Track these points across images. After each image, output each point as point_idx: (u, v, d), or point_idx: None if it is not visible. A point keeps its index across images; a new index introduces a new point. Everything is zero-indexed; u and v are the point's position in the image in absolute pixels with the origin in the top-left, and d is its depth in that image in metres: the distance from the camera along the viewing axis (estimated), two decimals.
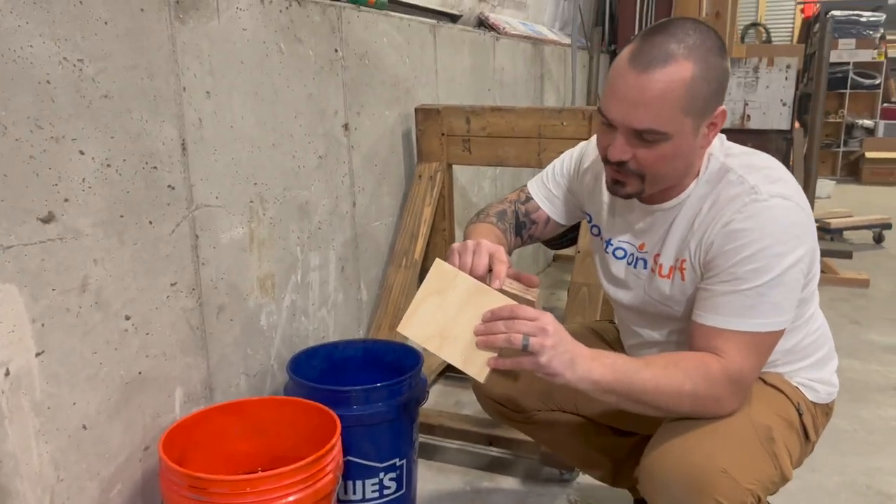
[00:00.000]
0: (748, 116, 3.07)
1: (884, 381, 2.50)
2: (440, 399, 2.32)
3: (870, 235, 4.56)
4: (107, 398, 1.30)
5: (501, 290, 1.11)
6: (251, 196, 1.63)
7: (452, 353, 1.08)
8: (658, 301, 1.24)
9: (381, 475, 1.58)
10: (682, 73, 1.04)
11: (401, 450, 1.60)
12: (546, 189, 1.43)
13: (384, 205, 2.22)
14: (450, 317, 1.09)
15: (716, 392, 1.09)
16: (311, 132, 1.83)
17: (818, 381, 1.27)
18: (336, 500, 1.39)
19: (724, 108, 1.12)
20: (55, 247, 1.18)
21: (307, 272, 1.86)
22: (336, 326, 2.02)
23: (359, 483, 1.57)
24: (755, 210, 1.08)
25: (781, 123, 3.01)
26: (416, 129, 2.30)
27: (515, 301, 1.10)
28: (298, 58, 1.76)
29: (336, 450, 1.35)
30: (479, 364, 1.07)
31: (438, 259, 1.12)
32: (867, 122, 7.44)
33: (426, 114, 2.28)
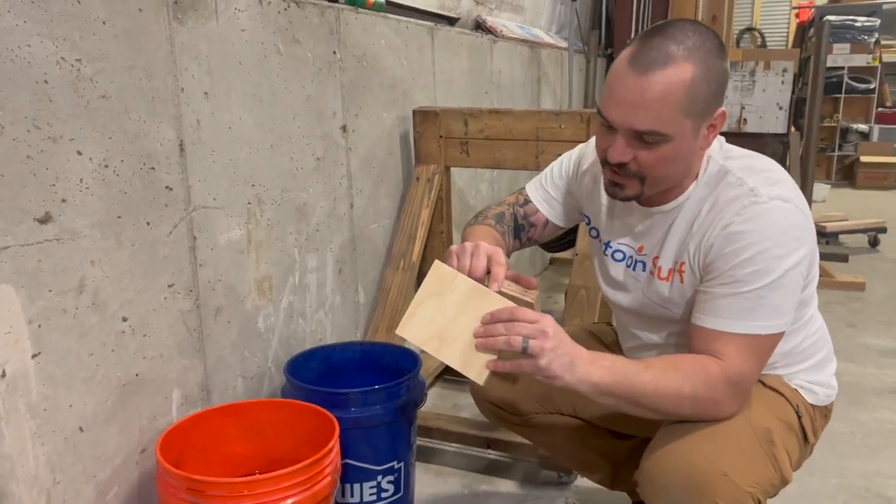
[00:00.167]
0: (745, 120, 3.07)
1: (880, 385, 2.50)
2: (438, 402, 2.32)
3: (865, 239, 4.58)
4: (103, 400, 1.30)
5: (500, 293, 1.10)
6: (249, 197, 1.63)
7: (451, 356, 1.08)
8: (657, 304, 1.24)
9: (379, 478, 1.57)
10: (682, 75, 1.04)
11: (399, 452, 1.59)
12: (544, 191, 1.43)
13: (382, 207, 2.22)
14: (448, 319, 1.08)
15: (715, 395, 1.09)
16: (309, 134, 1.83)
17: (817, 384, 1.27)
18: (334, 503, 1.38)
19: (724, 110, 1.12)
20: (52, 247, 1.18)
21: (305, 274, 1.86)
22: (333, 329, 2.01)
23: (356, 486, 1.56)
24: (755, 212, 1.08)
25: (778, 127, 3.02)
26: (414, 132, 2.30)
27: (514, 303, 1.10)
28: (297, 59, 1.75)
29: (334, 452, 1.34)
30: (479, 366, 1.07)
31: (437, 261, 1.11)
32: (862, 127, 7.47)
33: (424, 116, 2.27)
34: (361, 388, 1.53)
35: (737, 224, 1.09)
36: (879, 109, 7.49)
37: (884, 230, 4.50)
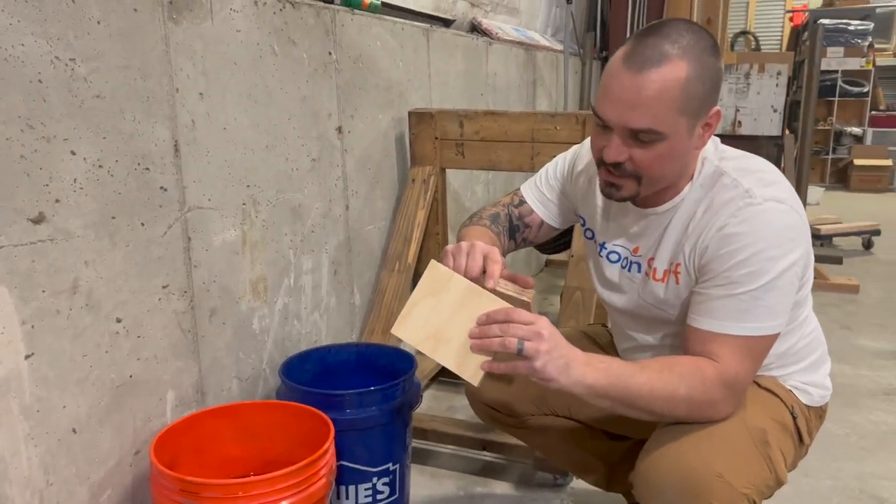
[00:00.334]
0: (739, 122, 3.08)
1: (874, 386, 2.51)
2: (433, 403, 2.32)
3: (859, 241, 4.59)
4: (97, 401, 1.29)
5: (496, 291, 1.10)
6: (244, 198, 1.62)
7: (446, 356, 1.08)
8: (652, 305, 1.24)
9: (374, 480, 1.57)
10: (678, 73, 1.04)
11: (394, 454, 1.59)
12: (539, 192, 1.43)
13: (377, 208, 2.22)
14: (444, 319, 1.08)
15: (711, 396, 1.09)
16: (305, 135, 1.82)
17: (812, 385, 1.27)
18: None
19: (719, 109, 1.13)
20: (46, 248, 1.17)
21: (300, 275, 1.85)
22: (329, 330, 2.01)
23: (352, 488, 1.56)
24: (750, 214, 1.08)
25: (772, 129, 3.03)
26: (410, 133, 2.30)
27: (510, 303, 1.09)
28: (292, 60, 1.75)
29: (329, 454, 1.34)
30: (474, 367, 1.07)
31: (433, 261, 1.11)
32: (855, 130, 7.51)
33: (420, 117, 2.27)
34: (357, 390, 1.53)
35: (732, 226, 1.09)
36: (873, 113, 7.52)
37: (877, 233, 4.52)
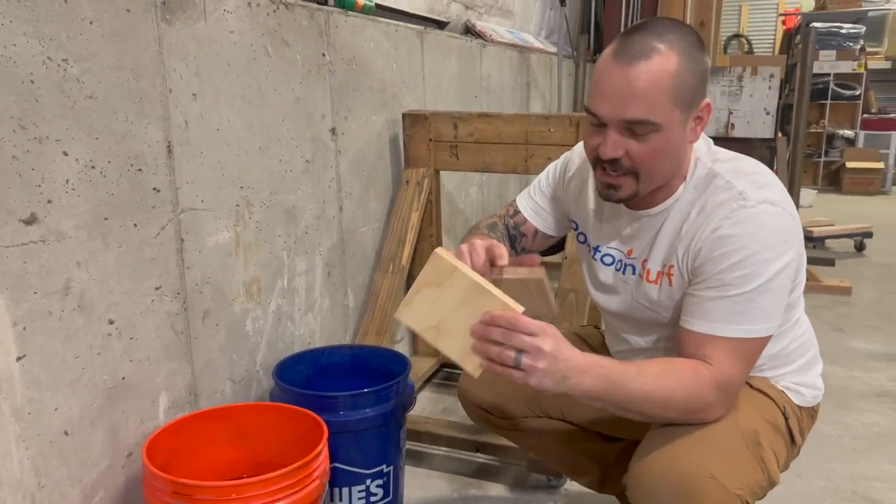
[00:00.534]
0: (732, 125, 3.09)
1: (866, 388, 2.52)
2: (427, 405, 2.31)
3: (851, 244, 4.61)
4: (89, 403, 1.28)
5: (505, 281, 1.08)
6: (237, 200, 1.62)
7: (448, 347, 1.05)
8: (646, 307, 1.24)
9: (368, 482, 1.56)
10: (668, 65, 1.05)
11: (388, 456, 1.58)
12: (533, 202, 1.43)
13: (371, 210, 2.22)
14: (447, 312, 1.05)
15: (705, 400, 1.09)
16: (299, 136, 1.82)
17: (804, 385, 1.27)
18: None
19: (709, 101, 1.14)
20: (38, 249, 1.16)
21: (293, 277, 1.85)
22: (322, 332, 2.00)
23: (345, 490, 1.56)
24: (743, 216, 1.09)
25: (765, 132, 3.04)
26: (404, 135, 2.30)
27: (523, 286, 1.07)
28: (286, 61, 1.75)
29: (323, 456, 1.33)
30: (476, 361, 1.04)
31: (439, 249, 1.06)
32: (848, 133, 7.54)
33: (414, 119, 2.27)
34: (350, 392, 1.52)
35: (725, 228, 1.09)
36: (865, 116, 7.56)
37: (870, 235, 4.54)
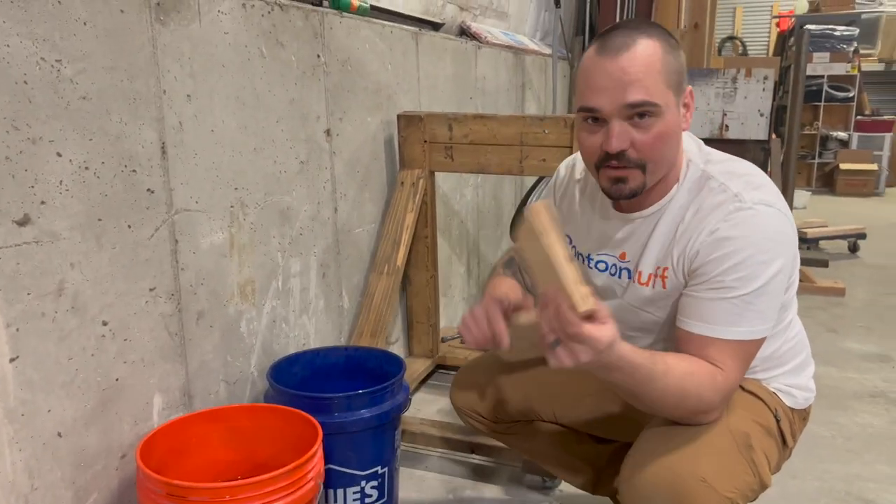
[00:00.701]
0: (727, 126, 3.10)
1: (860, 388, 2.53)
2: (422, 406, 2.31)
3: (845, 245, 4.63)
4: (83, 405, 1.28)
5: (518, 325, 1.14)
6: (232, 201, 1.62)
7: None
8: (638, 308, 1.24)
9: (363, 483, 1.56)
10: (654, 49, 1.08)
11: (382, 458, 1.58)
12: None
13: (366, 211, 2.21)
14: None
15: (712, 404, 1.10)
16: (293, 137, 1.82)
17: (796, 387, 1.28)
18: None
19: (691, 88, 1.15)
20: (31, 250, 1.16)
21: (288, 278, 1.85)
22: (317, 333, 2.00)
23: (340, 491, 1.55)
24: (741, 218, 1.09)
25: (759, 134, 3.05)
26: (399, 136, 2.30)
27: (534, 329, 1.07)
28: (280, 62, 1.75)
29: (317, 457, 1.33)
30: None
31: (538, 205, 0.99)
32: (841, 135, 7.57)
33: (408, 120, 2.27)
34: (345, 393, 1.52)
35: (723, 230, 1.09)
36: (858, 117, 7.59)
37: (863, 236, 4.56)
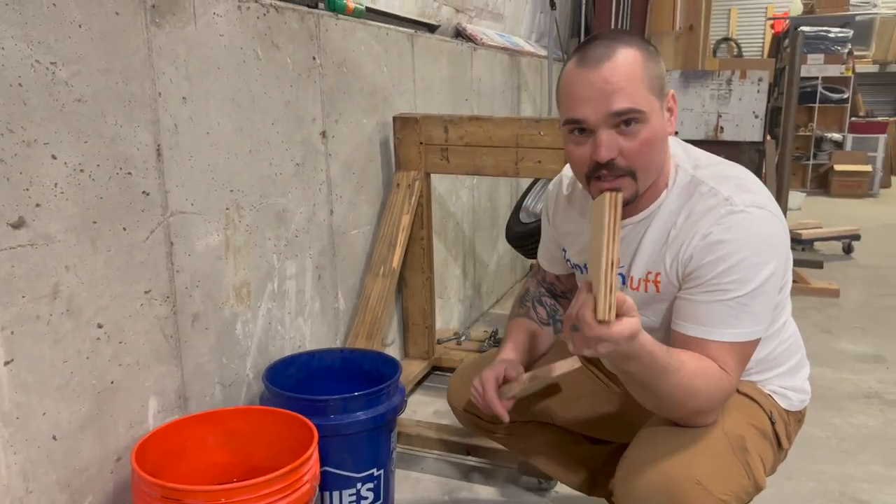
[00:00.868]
0: (721, 128, 3.10)
1: (854, 389, 2.53)
2: (418, 408, 2.31)
3: (839, 246, 4.65)
4: (78, 408, 1.27)
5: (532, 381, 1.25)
6: (227, 203, 1.62)
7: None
8: None
9: (359, 485, 1.56)
10: (632, 56, 1.08)
11: (378, 460, 1.58)
12: (546, 250, 1.49)
13: (362, 213, 2.21)
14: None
15: (714, 405, 1.11)
16: (289, 139, 1.82)
17: (791, 389, 1.28)
18: None
19: (673, 92, 1.16)
20: (26, 253, 1.16)
21: (283, 280, 1.85)
22: (313, 335, 2.00)
23: (336, 494, 1.55)
24: (734, 221, 1.10)
25: (754, 135, 3.05)
26: (394, 138, 2.30)
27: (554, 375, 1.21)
28: (276, 64, 1.75)
29: (313, 460, 1.33)
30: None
31: (607, 196, 1.01)
32: (836, 136, 7.60)
33: (404, 122, 2.28)
34: (341, 396, 1.52)
35: (716, 233, 1.10)
36: (853, 119, 7.62)
37: (857, 237, 4.58)
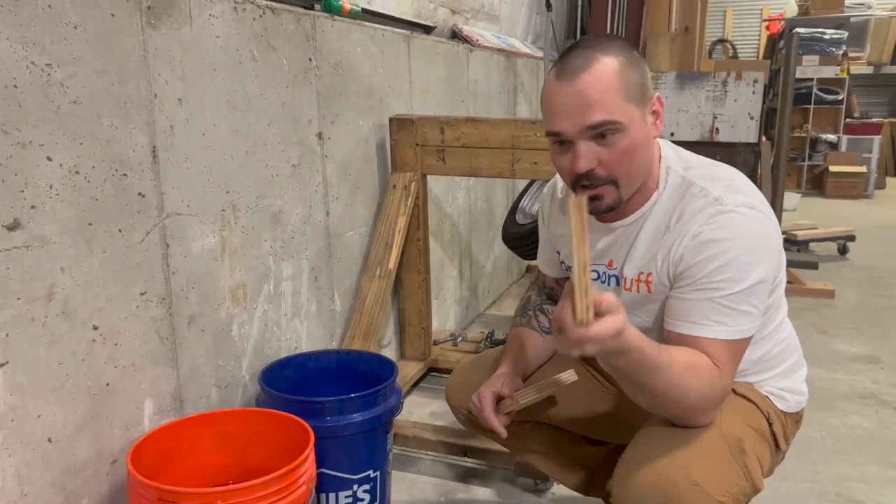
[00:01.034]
0: (717, 129, 3.11)
1: (850, 390, 2.54)
2: (415, 410, 2.31)
3: (834, 247, 4.66)
4: (73, 410, 1.27)
5: (525, 393, 1.28)
6: (223, 204, 1.61)
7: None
8: (627, 313, 1.25)
9: (355, 487, 1.56)
10: (609, 67, 1.09)
11: (375, 461, 1.58)
12: (545, 254, 1.49)
13: (358, 214, 2.21)
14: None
15: (710, 403, 1.11)
16: (285, 140, 1.82)
17: (788, 391, 1.28)
18: None
19: (659, 95, 1.16)
20: (21, 254, 1.15)
21: (280, 282, 1.84)
22: (309, 337, 2.00)
23: (332, 495, 1.55)
24: (724, 220, 1.10)
25: (749, 136, 3.06)
26: (391, 139, 2.30)
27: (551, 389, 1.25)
28: (272, 66, 1.75)
29: (309, 462, 1.33)
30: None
31: (580, 201, 1.00)
32: (831, 137, 7.62)
33: (400, 124, 2.28)
34: (337, 397, 1.52)
35: (707, 233, 1.11)
36: (847, 120, 7.64)
37: (852, 238, 4.59)
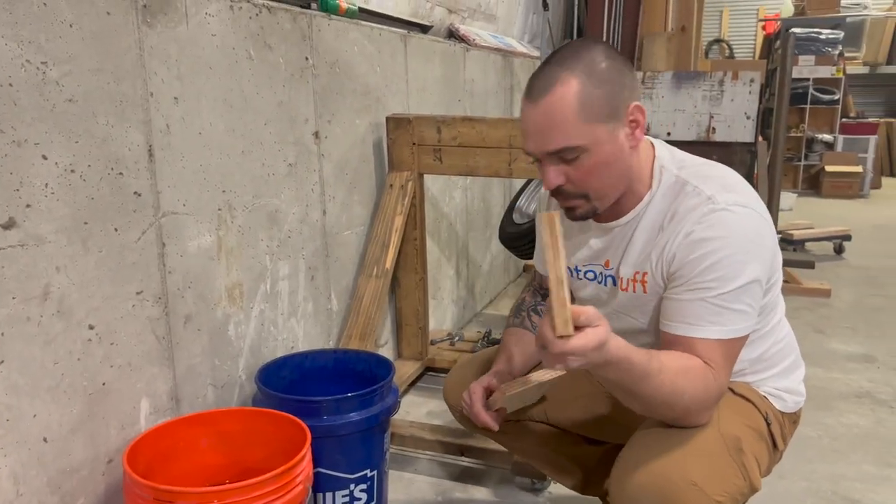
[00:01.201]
0: (713, 129, 3.11)
1: (846, 389, 2.54)
2: (412, 409, 2.31)
3: (830, 247, 4.67)
4: (69, 410, 1.27)
5: (513, 391, 1.27)
6: (220, 204, 1.61)
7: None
8: (621, 313, 1.25)
9: (352, 486, 1.56)
10: (568, 89, 1.09)
11: (372, 461, 1.58)
12: (540, 256, 1.49)
13: (355, 214, 2.21)
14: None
15: (705, 404, 1.11)
16: (282, 140, 1.82)
17: (785, 391, 1.28)
18: None
19: (639, 104, 1.14)
20: (16, 253, 1.15)
21: (276, 281, 1.84)
22: (306, 336, 1.99)
23: (329, 495, 1.55)
24: (716, 219, 1.10)
25: (746, 136, 3.06)
26: (388, 139, 2.30)
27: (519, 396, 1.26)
28: (268, 65, 1.74)
29: (306, 461, 1.33)
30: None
31: (553, 216, 0.98)
32: (827, 137, 7.63)
33: (397, 123, 2.27)
34: (334, 397, 1.52)
35: (699, 231, 1.11)
36: (843, 120, 7.66)
37: (848, 238, 4.60)
